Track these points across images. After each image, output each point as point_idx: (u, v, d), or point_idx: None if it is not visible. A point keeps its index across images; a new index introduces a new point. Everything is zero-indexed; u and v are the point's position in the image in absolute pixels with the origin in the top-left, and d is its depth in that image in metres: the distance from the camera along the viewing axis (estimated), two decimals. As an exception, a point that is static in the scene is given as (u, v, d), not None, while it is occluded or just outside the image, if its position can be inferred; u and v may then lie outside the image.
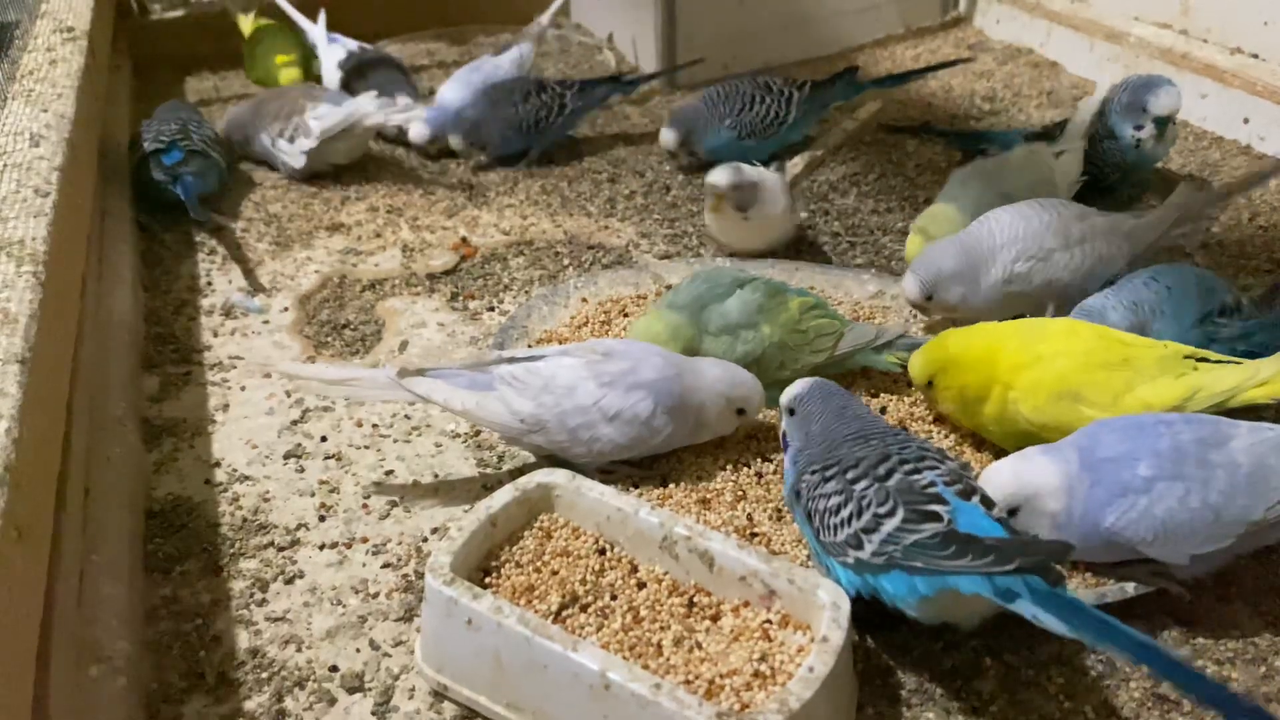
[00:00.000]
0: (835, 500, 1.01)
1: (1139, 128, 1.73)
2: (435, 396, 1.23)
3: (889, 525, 0.96)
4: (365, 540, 1.21)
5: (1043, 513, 1.05)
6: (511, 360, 1.26)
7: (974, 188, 1.61)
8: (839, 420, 1.11)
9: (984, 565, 0.90)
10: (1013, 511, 1.05)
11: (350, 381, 1.26)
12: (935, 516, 0.95)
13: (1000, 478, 1.06)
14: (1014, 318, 1.34)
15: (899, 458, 1.01)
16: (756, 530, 1.16)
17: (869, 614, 1.03)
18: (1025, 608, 0.90)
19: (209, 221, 1.83)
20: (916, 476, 0.99)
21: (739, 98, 1.97)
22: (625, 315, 1.55)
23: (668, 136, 1.99)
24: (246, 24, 2.45)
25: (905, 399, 1.37)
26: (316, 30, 2.30)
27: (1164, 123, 1.73)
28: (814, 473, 1.06)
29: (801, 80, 2.03)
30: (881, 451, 1.03)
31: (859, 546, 0.98)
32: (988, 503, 0.98)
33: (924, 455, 1.01)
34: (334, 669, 1.06)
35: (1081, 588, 1.07)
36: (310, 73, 2.35)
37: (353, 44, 2.28)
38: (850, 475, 1.02)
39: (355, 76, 2.15)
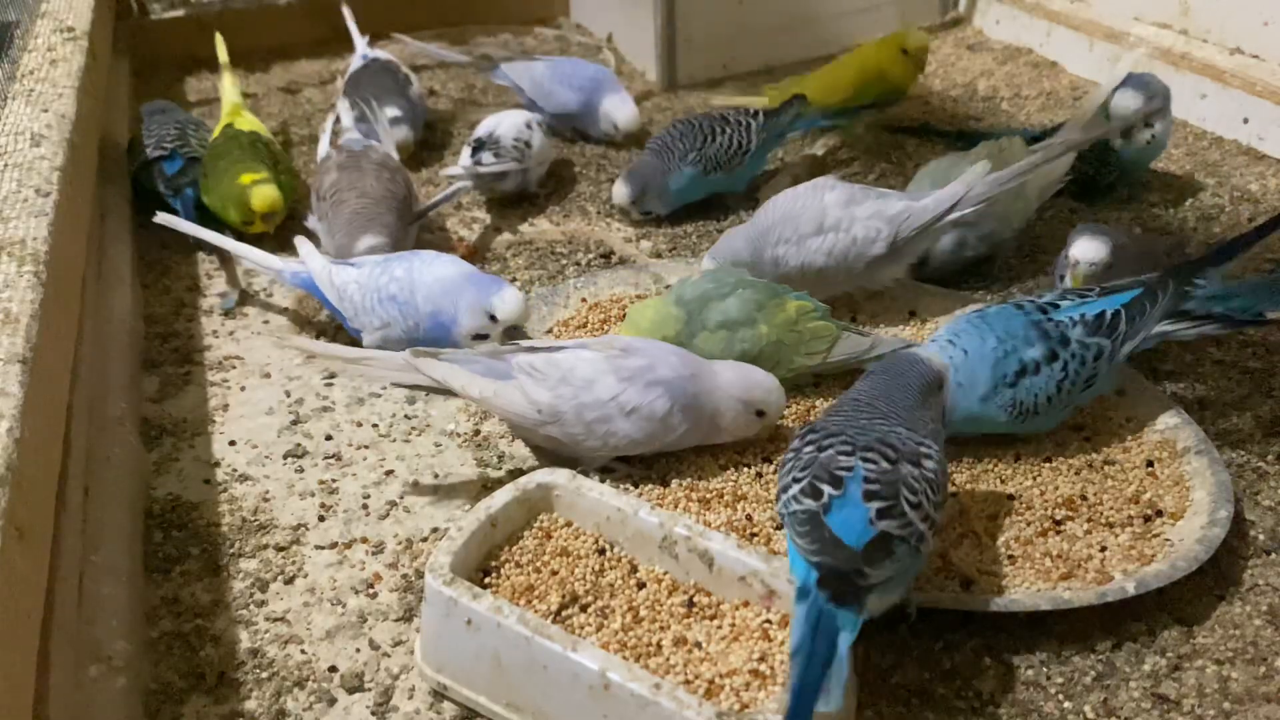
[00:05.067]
0: (791, 454, 1.04)
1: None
2: (451, 382, 1.23)
3: (794, 489, 0.98)
4: (365, 540, 1.21)
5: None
6: (530, 350, 1.26)
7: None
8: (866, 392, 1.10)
9: (807, 548, 0.92)
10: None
11: (365, 361, 1.26)
12: (818, 494, 0.96)
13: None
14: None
15: (845, 437, 1.01)
16: (756, 530, 1.16)
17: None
18: (798, 609, 0.91)
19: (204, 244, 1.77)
20: (844, 458, 0.98)
21: (697, 133, 1.85)
22: (625, 316, 1.55)
23: (621, 193, 1.83)
24: (229, 84, 2.04)
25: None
26: (360, 45, 2.26)
27: (1128, 127, 1.77)
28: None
29: (754, 110, 1.95)
30: (840, 427, 1.03)
31: (776, 499, 1.01)
32: (888, 512, 0.94)
33: (872, 447, 0.99)
34: (333, 669, 1.06)
35: (1083, 588, 1.08)
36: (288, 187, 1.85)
37: (380, 54, 2.21)
38: (809, 438, 1.03)
39: (353, 87, 2.13)
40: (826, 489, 0.96)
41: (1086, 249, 1.43)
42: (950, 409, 1.14)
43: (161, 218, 1.66)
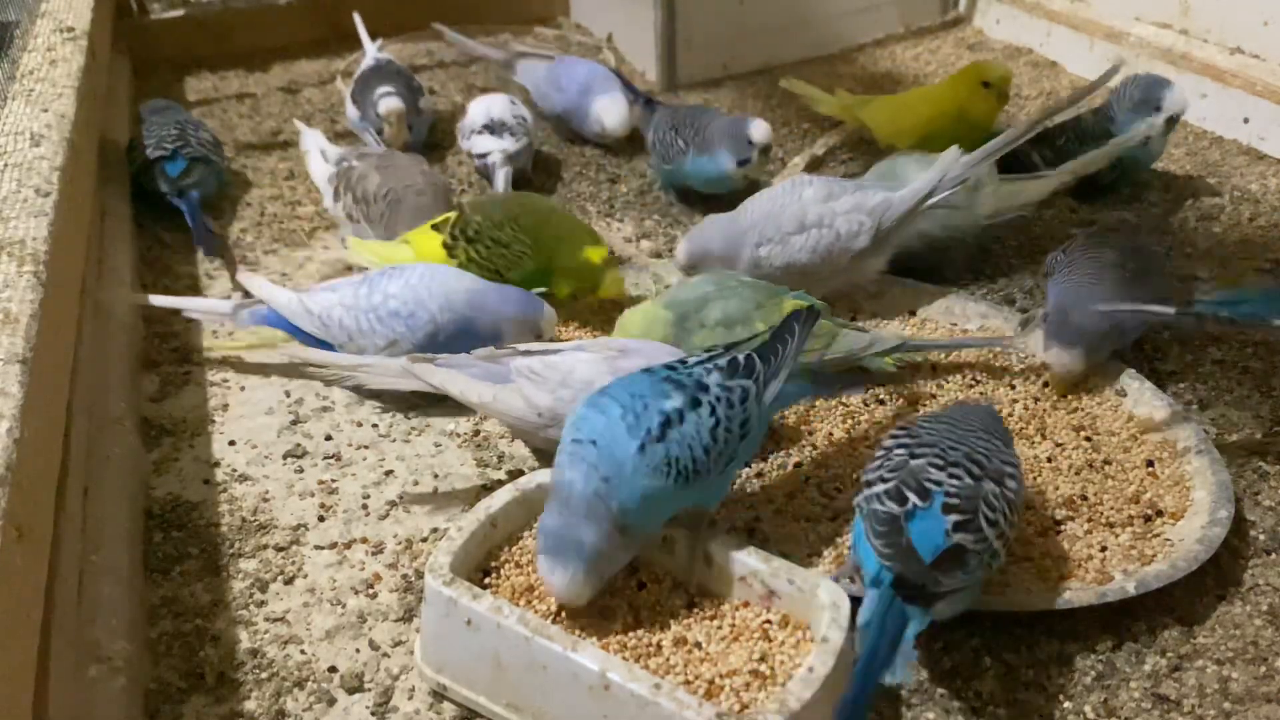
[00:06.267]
0: (881, 453, 1.07)
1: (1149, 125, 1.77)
2: (450, 387, 1.23)
3: (880, 488, 1.01)
4: (365, 540, 1.21)
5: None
6: (526, 354, 1.26)
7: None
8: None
9: (882, 550, 0.96)
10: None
11: (362, 368, 1.26)
12: (903, 500, 0.99)
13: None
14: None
15: (939, 450, 1.03)
16: (757, 530, 1.16)
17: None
18: (870, 591, 0.97)
19: (213, 250, 1.76)
20: (935, 471, 1.01)
21: (691, 126, 1.85)
22: (616, 323, 1.54)
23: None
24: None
25: (903, 396, 1.37)
26: (370, 50, 2.27)
27: (1174, 121, 1.77)
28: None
29: (647, 101, 2.03)
30: (937, 438, 1.05)
31: (859, 492, 1.04)
32: (965, 526, 0.97)
33: (959, 464, 1.02)
34: (333, 669, 1.06)
35: (1083, 588, 1.07)
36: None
37: (384, 58, 2.22)
38: (903, 440, 1.06)
39: (362, 85, 2.13)
40: (913, 497, 0.99)
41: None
42: (612, 512, 0.98)
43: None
